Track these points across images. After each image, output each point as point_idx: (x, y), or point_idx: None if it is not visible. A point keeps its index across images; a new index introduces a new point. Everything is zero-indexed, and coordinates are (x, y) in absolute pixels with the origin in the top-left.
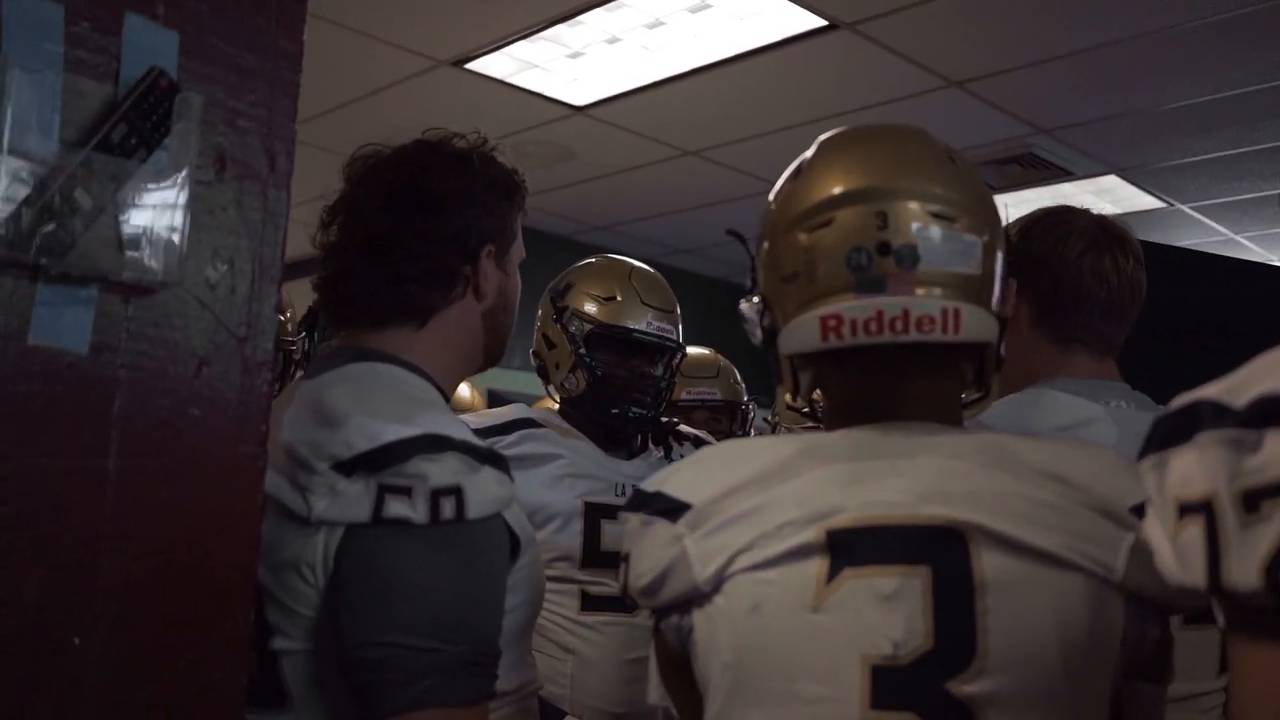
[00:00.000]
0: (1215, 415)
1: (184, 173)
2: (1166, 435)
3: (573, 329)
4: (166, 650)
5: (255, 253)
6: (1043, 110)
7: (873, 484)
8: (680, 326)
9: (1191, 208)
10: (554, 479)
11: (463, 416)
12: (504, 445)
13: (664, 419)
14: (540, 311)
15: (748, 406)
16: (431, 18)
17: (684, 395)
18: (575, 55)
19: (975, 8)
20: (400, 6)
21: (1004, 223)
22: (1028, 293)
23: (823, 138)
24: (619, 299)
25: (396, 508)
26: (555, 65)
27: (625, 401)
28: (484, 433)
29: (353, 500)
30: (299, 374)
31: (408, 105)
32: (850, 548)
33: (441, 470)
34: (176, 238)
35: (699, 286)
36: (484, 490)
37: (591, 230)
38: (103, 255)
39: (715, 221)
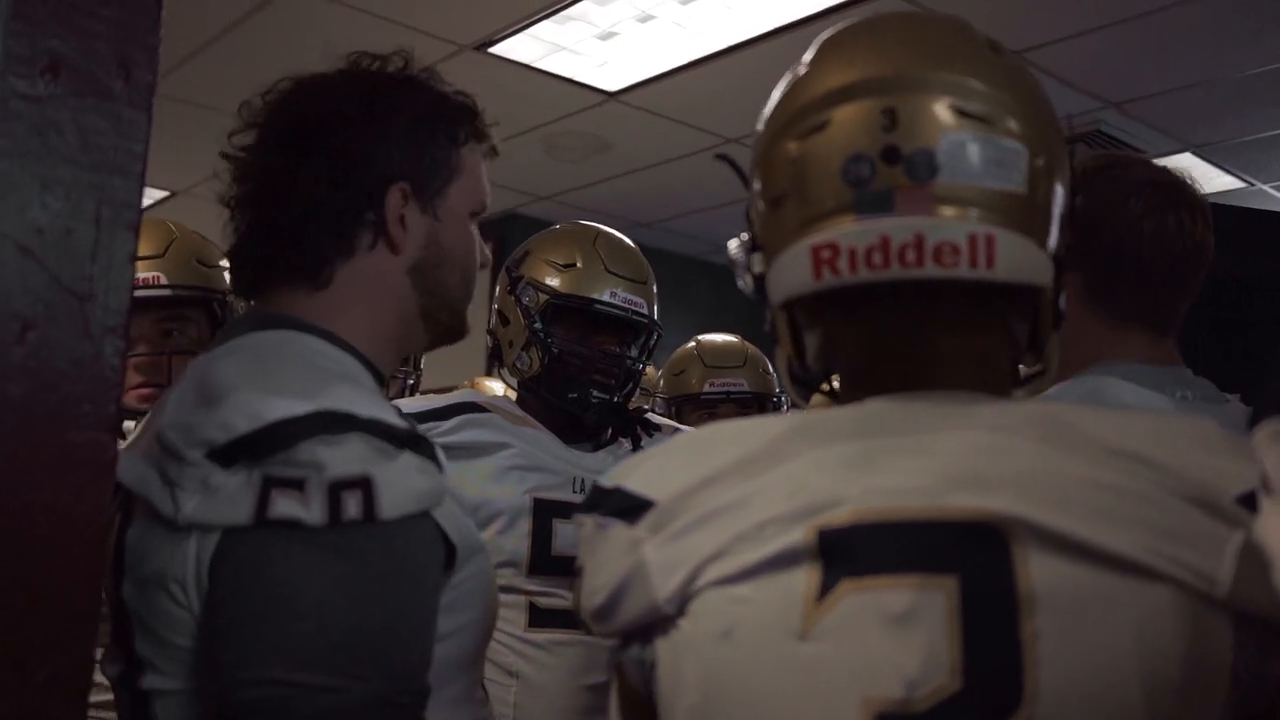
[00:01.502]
0: None
1: None
2: None
3: (526, 301)
4: None
5: (101, 187)
6: (1109, 82)
7: (884, 466)
8: (655, 302)
9: (1275, 186)
10: (499, 471)
11: (398, 401)
12: (441, 432)
13: (639, 409)
14: (497, 287)
15: (780, 398)
16: None
17: (707, 387)
18: (606, 36)
19: None
20: None
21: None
22: (1078, 263)
23: (827, 31)
24: (580, 266)
25: (284, 505)
26: (584, 47)
27: (585, 384)
28: (419, 418)
29: (230, 497)
30: None
31: None
32: (849, 552)
33: (343, 456)
34: None
35: None
36: (401, 482)
37: (632, 227)
38: None
39: None
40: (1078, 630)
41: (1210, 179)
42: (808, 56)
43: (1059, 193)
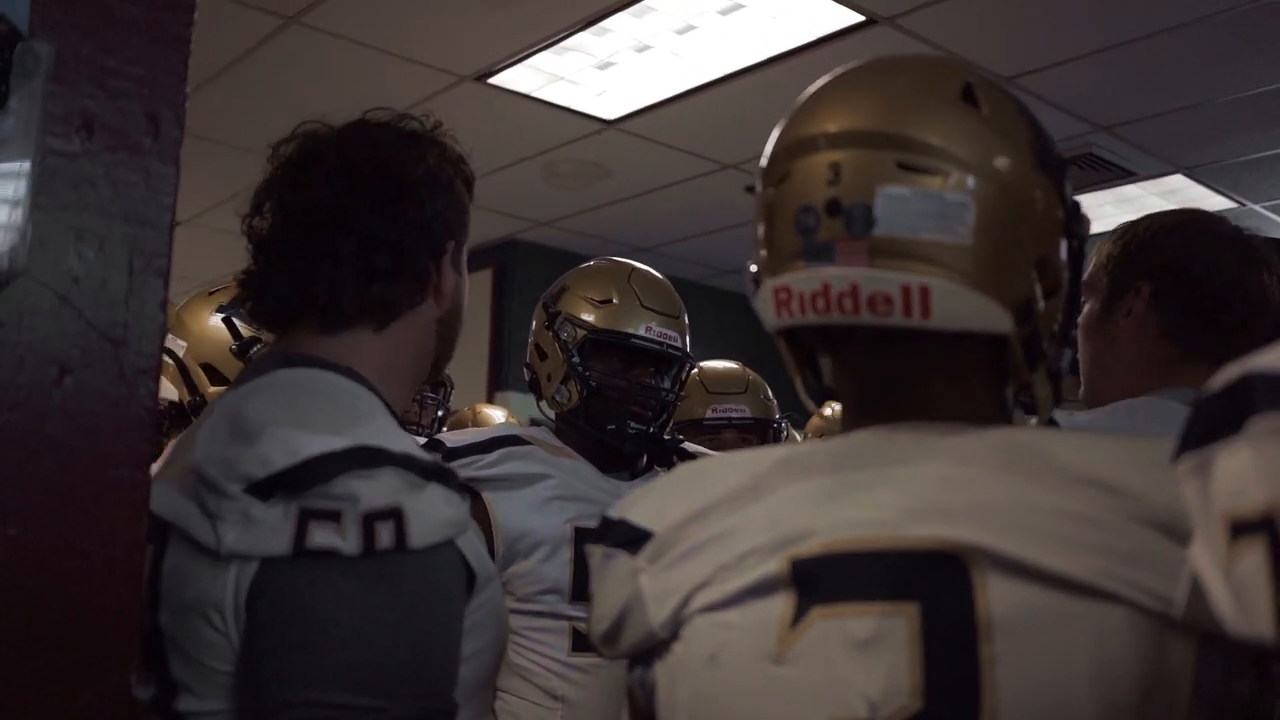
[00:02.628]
0: (1274, 393)
1: (33, 139)
2: (1209, 425)
3: (565, 336)
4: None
5: (133, 237)
6: (1101, 106)
7: (851, 499)
8: (687, 335)
9: (1265, 207)
10: (540, 502)
11: (441, 435)
12: (483, 465)
13: (669, 436)
14: (534, 322)
15: (780, 425)
16: (450, 30)
17: (709, 413)
18: (604, 66)
19: None
20: (416, 19)
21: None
22: (1164, 303)
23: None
24: (616, 302)
25: (322, 536)
26: (582, 77)
27: (623, 415)
28: (462, 451)
29: (269, 528)
30: None
31: None
32: (820, 581)
33: (376, 489)
34: (23, 218)
35: (748, 308)
36: (430, 513)
37: (633, 252)
38: None
39: None
40: (1035, 653)
41: (1201, 200)
42: (796, 103)
43: (1033, 240)
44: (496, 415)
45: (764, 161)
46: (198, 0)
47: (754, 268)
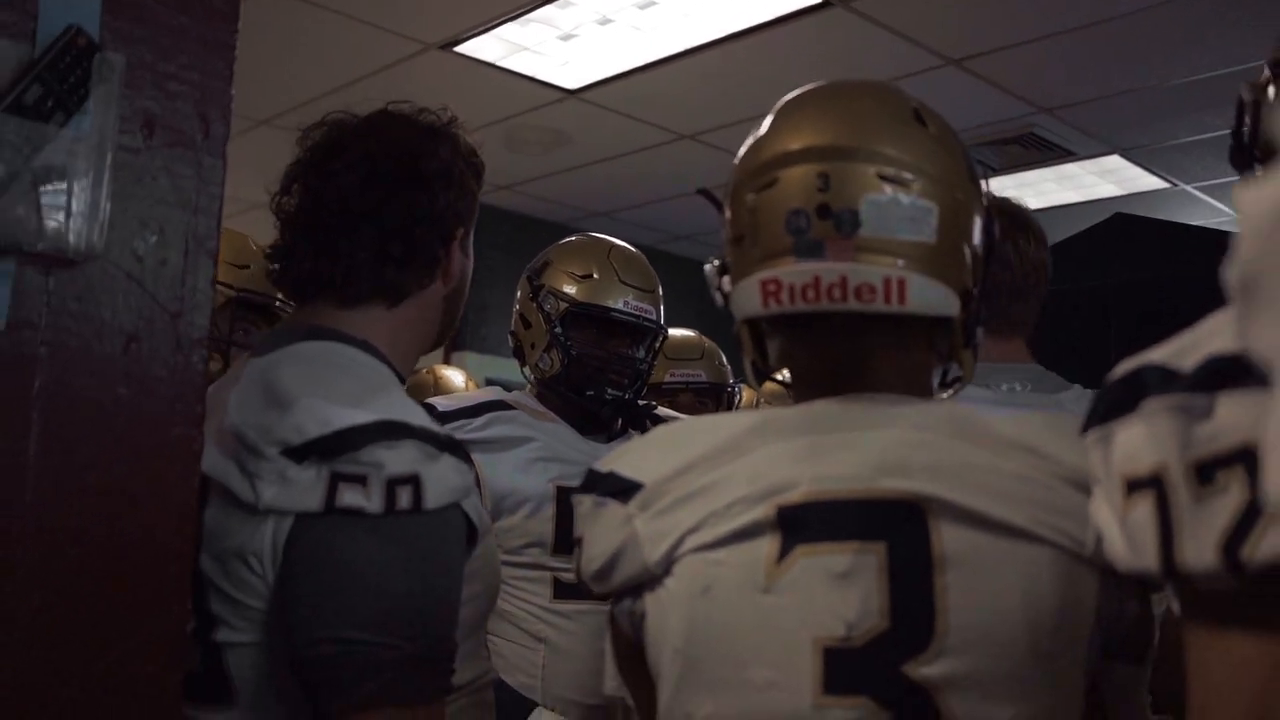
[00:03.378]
0: (1162, 380)
1: (107, 138)
2: (1111, 405)
3: (548, 307)
4: (93, 645)
5: (188, 223)
6: (1043, 89)
7: (828, 457)
8: (661, 307)
9: (1196, 187)
10: (525, 462)
11: (432, 399)
12: (472, 428)
13: (643, 401)
14: (519, 292)
15: (734, 389)
16: None
17: (668, 377)
18: (566, 37)
19: None
20: None
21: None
22: None
23: (787, 96)
24: (596, 277)
25: (350, 497)
26: (546, 48)
27: (601, 383)
28: (452, 415)
29: (304, 488)
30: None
31: (395, 91)
32: (802, 524)
33: (399, 458)
34: (99, 206)
35: (699, 273)
36: (442, 480)
37: (589, 217)
38: (19, 225)
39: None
40: (978, 582)
41: (1137, 179)
42: (767, 120)
43: (973, 228)
44: (455, 377)
45: (742, 171)
46: None
47: (716, 262)
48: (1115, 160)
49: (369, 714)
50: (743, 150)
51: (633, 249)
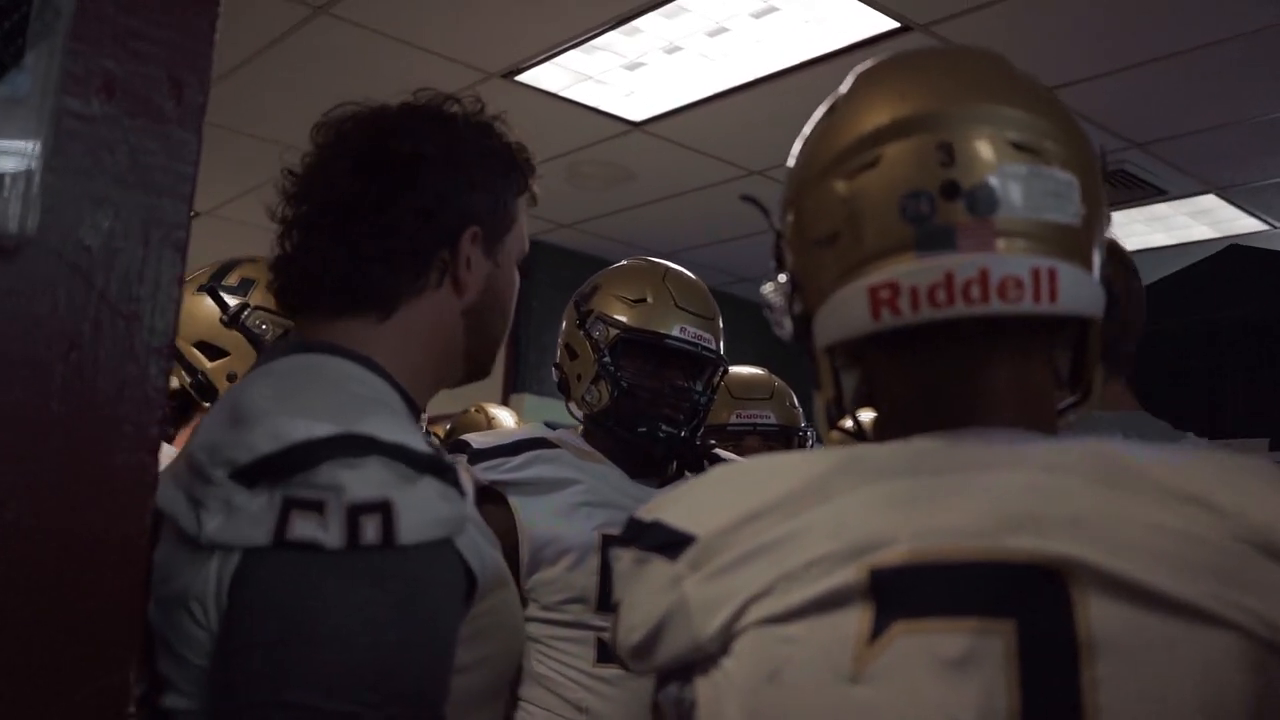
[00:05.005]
0: None
1: (49, 100)
2: None
3: (596, 334)
4: (21, 713)
5: (150, 207)
6: (1135, 122)
7: (937, 506)
8: (722, 339)
9: None
10: (568, 507)
11: (467, 435)
12: (510, 468)
13: (700, 441)
14: (564, 321)
15: (805, 433)
16: (479, 25)
17: (734, 419)
18: (632, 66)
19: (1059, 6)
20: (445, 13)
21: None
22: None
23: (861, 66)
24: (650, 301)
25: (303, 527)
26: (610, 77)
27: (654, 418)
28: (488, 453)
29: (252, 517)
30: None
31: None
32: (903, 593)
33: (363, 480)
34: (35, 182)
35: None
36: (422, 507)
37: (655, 257)
38: None
39: None
40: (1139, 677)
41: (1233, 221)
42: (844, 91)
43: (1103, 210)
44: (507, 418)
45: (820, 155)
46: None
47: (780, 280)
48: (1210, 200)
49: None
50: (812, 132)
51: (690, 274)
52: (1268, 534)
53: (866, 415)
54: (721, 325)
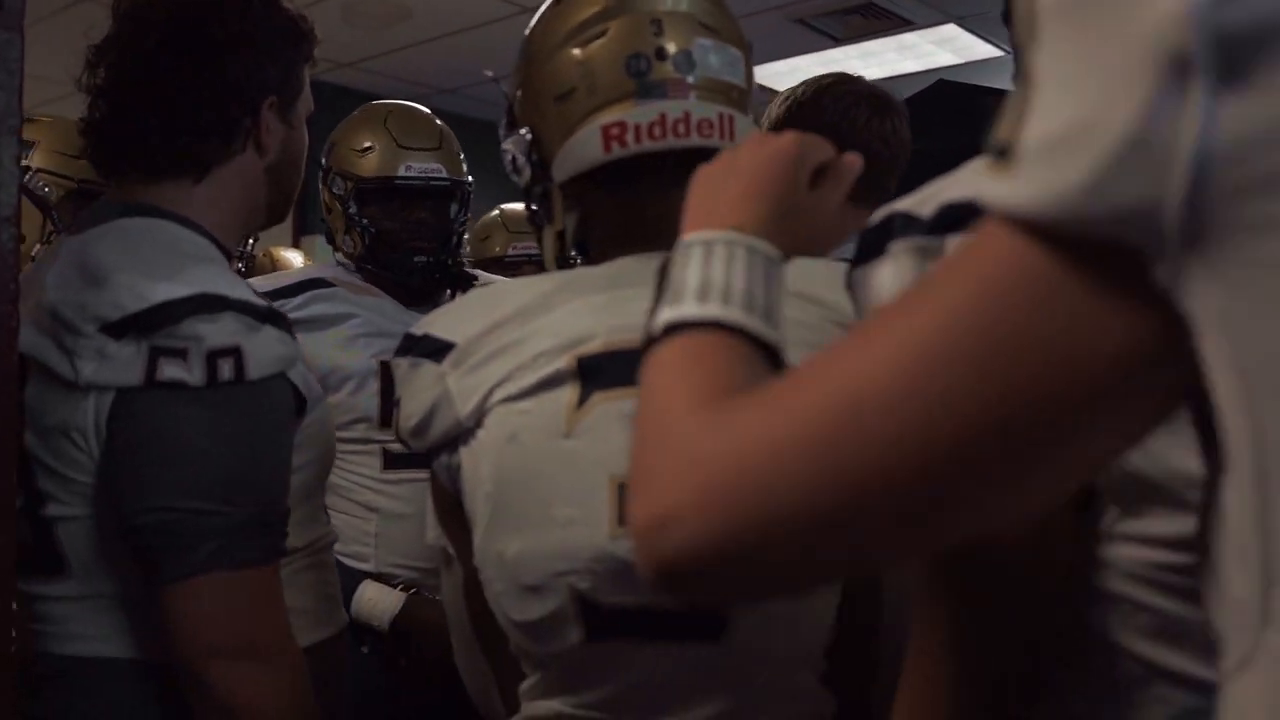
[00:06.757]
0: (905, 225)
1: None
2: (866, 250)
3: (337, 190)
4: None
5: None
6: None
7: (624, 310)
8: (459, 162)
9: None
10: (347, 340)
11: (251, 280)
12: (292, 307)
13: (459, 262)
14: (320, 182)
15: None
16: None
17: (510, 250)
18: None
19: None
20: None
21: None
22: None
23: None
24: (375, 148)
25: (170, 370)
26: None
27: (404, 253)
28: (271, 295)
29: (123, 363)
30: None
31: None
32: (599, 372)
33: (218, 331)
34: None
35: None
36: (264, 350)
37: (437, 94)
38: None
39: None
40: None
41: (972, 48)
42: None
43: (753, 88)
44: (294, 259)
45: (555, 32)
46: None
47: (525, 133)
48: (951, 29)
49: (200, 579)
50: (544, 16)
51: (415, 107)
52: (850, 317)
53: None
54: (457, 150)
